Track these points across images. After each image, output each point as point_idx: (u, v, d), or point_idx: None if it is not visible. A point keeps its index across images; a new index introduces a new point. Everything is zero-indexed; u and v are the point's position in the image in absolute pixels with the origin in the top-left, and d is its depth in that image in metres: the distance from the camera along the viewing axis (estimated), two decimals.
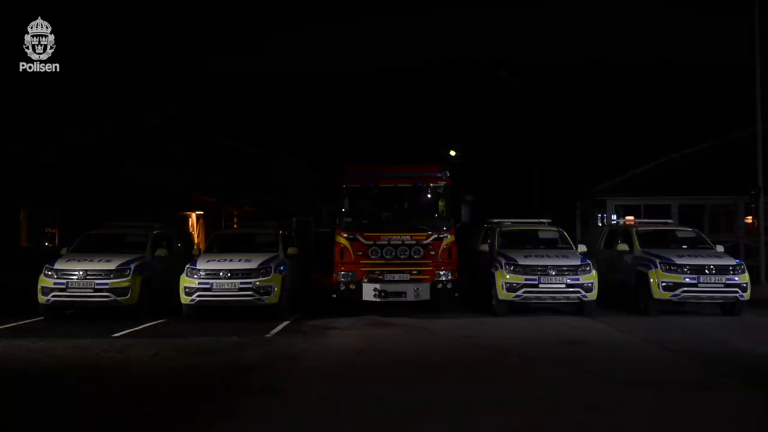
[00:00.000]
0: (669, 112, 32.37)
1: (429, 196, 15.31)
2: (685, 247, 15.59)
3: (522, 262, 14.36)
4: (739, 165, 21.68)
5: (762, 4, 19.96)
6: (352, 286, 14.51)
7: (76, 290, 13.79)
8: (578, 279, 14.19)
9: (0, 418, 7.12)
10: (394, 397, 7.79)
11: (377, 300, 14.39)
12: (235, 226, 28.79)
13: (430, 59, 44.85)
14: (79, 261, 14.21)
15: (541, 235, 16.40)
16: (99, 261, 14.15)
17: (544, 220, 17.54)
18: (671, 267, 14.35)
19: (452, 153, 37.99)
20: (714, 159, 23.79)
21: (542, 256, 14.70)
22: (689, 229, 16.96)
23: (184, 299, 13.94)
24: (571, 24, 41.62)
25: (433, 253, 14.58)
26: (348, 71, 43.80)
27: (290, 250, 15.38)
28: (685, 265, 14.35)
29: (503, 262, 14.48)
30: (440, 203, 15.15)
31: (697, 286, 14.24)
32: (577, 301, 14.35)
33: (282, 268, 14.42)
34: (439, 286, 14.50)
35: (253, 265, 14.07)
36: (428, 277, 14.50)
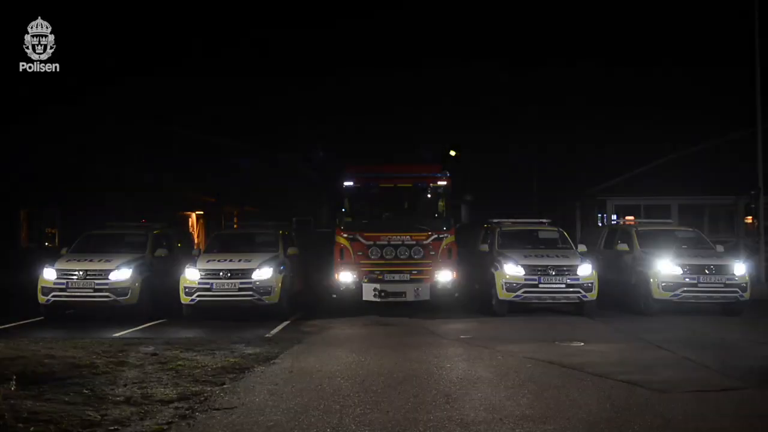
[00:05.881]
0: (669, 112, 32.44)
1: (429, 196, 15.32)
2: (685, 247, 15.60)
3: (522, 262, 14.36)
4: (739, 165, 21.70)
5: (762, 5, 19.99)
6: (352, 286, 14.52)
7: (76, 290, 13.80)
8: (578, 279, 14.20)
9: None
10: (395, 399, 7.80)
11: (377, 300, 14.40)
12: (235, 226, 28.84)
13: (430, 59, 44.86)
14: (79, 261, 14.22)
15: (541, 235, 16.41)
16: (99, 261, 14.16)
17: (543, 220, 17.56)
18: (671, 267, 14.36)
19: (452, 153, 37.98)
20: (714, 159, 23.81)
21: (542, 256, 14.71)
22: (689, 229, 16.98)
23: (184, 299, 13.94)
24: (570, 23, 41.72)
25: (433, 253, 14.58)
26: (348, 71, 43.79)
27: (290, 250, 15.39)
28: (685, 265, 14.37)
29: (503, 262, 14.48)
30: (440, 203, 15.16)
31: (697, 286, 14.26)
32: (577, 301, 14.34)
33: (282, 268, 14.42)
34: (439, 286, 14.52)
35: (253, 265, 14.07)
36: (428, 277, 14.51)
